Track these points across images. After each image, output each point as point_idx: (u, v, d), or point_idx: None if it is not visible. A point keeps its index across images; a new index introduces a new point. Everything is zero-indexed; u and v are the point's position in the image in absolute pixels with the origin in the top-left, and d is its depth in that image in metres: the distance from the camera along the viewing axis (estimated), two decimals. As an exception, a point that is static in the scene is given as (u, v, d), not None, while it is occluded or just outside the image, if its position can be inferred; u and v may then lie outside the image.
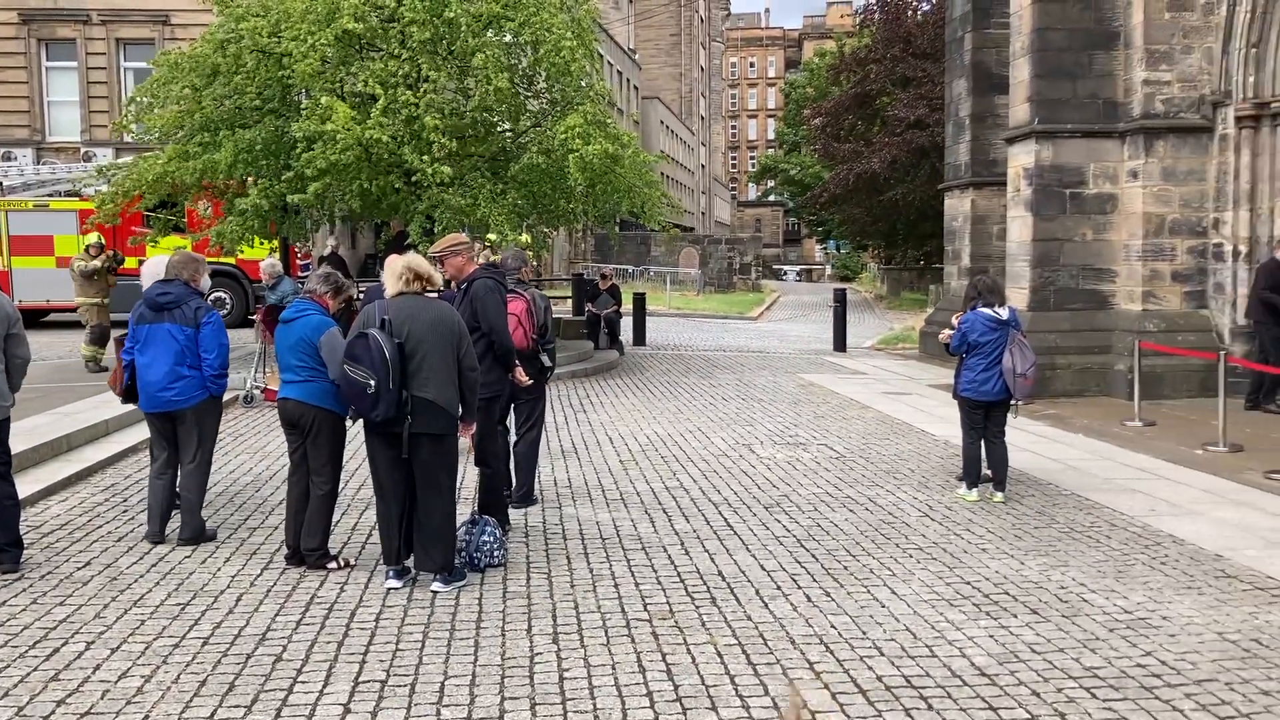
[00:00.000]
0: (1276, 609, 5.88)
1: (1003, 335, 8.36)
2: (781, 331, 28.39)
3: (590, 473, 9.46)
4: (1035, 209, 14.78)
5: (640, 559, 6.79)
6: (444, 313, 6.15)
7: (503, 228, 14.90)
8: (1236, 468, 9.62)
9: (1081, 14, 14.58)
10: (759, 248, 58.01)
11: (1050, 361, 14.15)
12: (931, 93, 30.81)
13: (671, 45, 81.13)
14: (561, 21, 16.11)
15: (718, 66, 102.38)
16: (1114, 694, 4.74)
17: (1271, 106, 13.45)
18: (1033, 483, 9.08)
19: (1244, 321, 13.24)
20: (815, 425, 12.13)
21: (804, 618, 5.70)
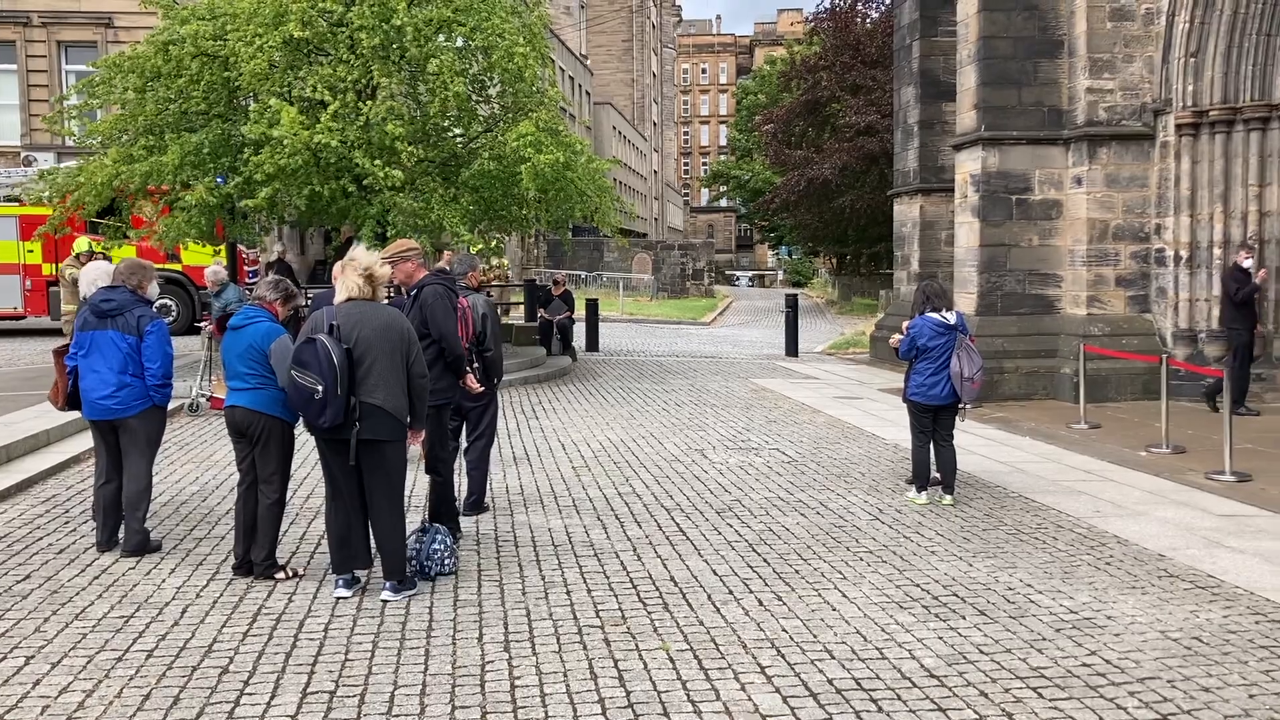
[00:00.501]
0: (1217, 607, 5.99)
1: (950, 340, 8.46)
2: (734, 336, 28.51)
3: (542, 479, 9.43)
4: (982, 215, 14.98)
5: (592, 565, 6.78)
6: (393, 319, 6.11)
7: (458, 229, 14.83)
8: (1179, 469, 9.80)
9: (1026, 23, 14.82)
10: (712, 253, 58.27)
11: (998, 365, 14.35)
12: (881, 99, 31.14)
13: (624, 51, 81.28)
14: (513, 27, 16.09)
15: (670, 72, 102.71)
16: (1060, 693, 4.80)
17: (1210, 115, 13.74)
18: (981, 485, 9.19)
19: (1217, 328, 13.50)
20: (767, 430, 12.19)
21: (756, 622, 5.72)
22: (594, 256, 48.33)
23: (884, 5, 34.07)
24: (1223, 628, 5.65)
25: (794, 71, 41.17)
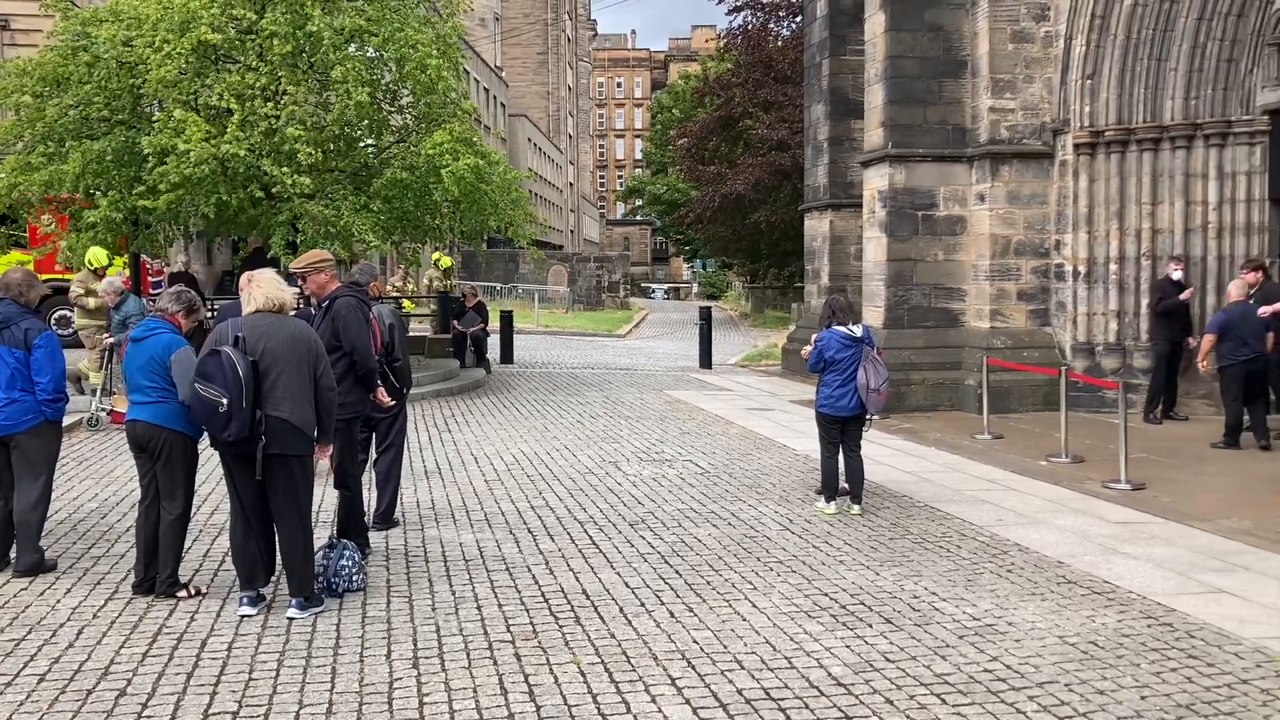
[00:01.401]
0: (1112, 612, 6.19)
1: (857, 352, 8.62)
2: (649, 349, 28.63)
3: (454, 493, 9.35)
4: (889, 230, 15.30)
5: (504, 579, 6.74)
6: (301, 331, 6.01)
7: (367, 235, 14.66)
8: (1077, 478, 10.11)
9: (932, 43, 15.20)
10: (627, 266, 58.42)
11: (905, 377, 14.64)
12: (792, 116, 31.60)
13: (539, 64, 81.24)
14: (426, 38, 15.99)
15: (585, 86, 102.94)
16: (962, 699, 4.91)
17: (1105, 135, 14.24)
18: (888, 495, 9.37)
19: (1145, 340, 13.96)
20: (681, 441, 12.26)
21: (667, 634, 5.74)
22: (509, 268, 48.13)
23: (795, 24, 34.62)
24: (1117, 631, 5.84)
25: (707, 87, 41.57)
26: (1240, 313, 11.35)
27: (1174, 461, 10.86)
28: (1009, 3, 14.70)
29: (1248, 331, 11.18)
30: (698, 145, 39.54)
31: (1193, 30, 13.57)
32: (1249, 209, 13.72)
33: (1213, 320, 11.88)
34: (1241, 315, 11.31)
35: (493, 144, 28.12)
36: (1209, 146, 13.79)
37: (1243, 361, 11.18)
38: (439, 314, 21.66)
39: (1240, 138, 13.64)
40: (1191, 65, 13.70)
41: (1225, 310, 11.77)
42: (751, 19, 36.90)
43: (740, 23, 37.19)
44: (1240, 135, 13.63)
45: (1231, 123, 13.63)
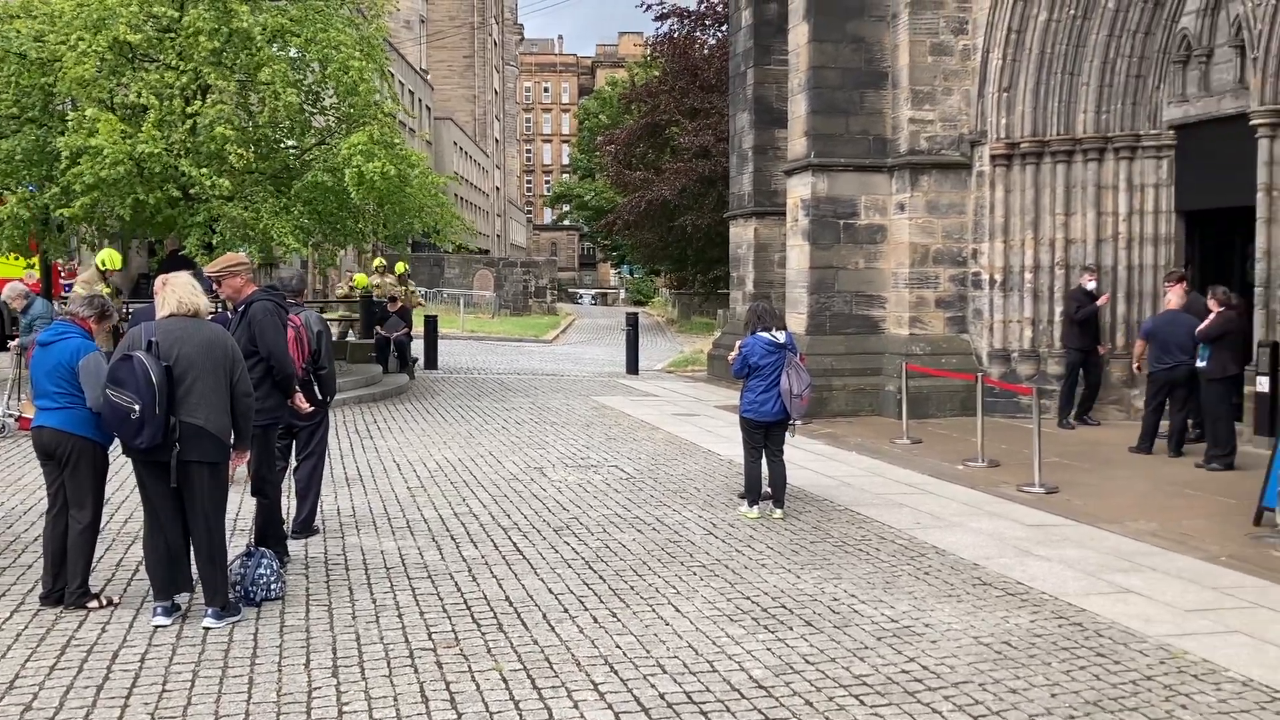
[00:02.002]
0: (1025, 612, 6.34)
1: (780, 358, 8.72)
2: (576, 354, 28.61)
3: (376, 500, 9.25)
4: (812, 238, 15.50)
5: (426, 587, 6.68)
6: (217, 335, 5.91)
7: (286, 239, 14.44)
8: (993, 481, 10.34)
9: (854, 55, 15.45)
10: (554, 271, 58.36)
11: (827, 383, 14.84)
12: (718, 124, 31.84)
13: (465, 67, 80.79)
14: (350, 39, 15.83)
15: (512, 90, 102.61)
16: (880, 700, 5.00)
17: (1021, 146, 14.60)
18: (810, 499, 9.48)
19: (1059, 347, 14.30)
20: (607, 447, 12.28)
21: (590, 639, 5.75)
22: (434, 272, 47.72)
23: (721, 33, 34.89)
24: (1030, 632, 5.99)
25: (634, 94, 41.72)
26: (1167, 320, 11.59)
27: (1085, 465, 11.17)
28: (928, 16, 15.00)
29: (1171, 340, 11.41)
30: (624, 151, 39.65)
31: (1103, 46, 13.99)
32: (1157, 220, 14.17)
33: (1143, 326, 12.24)
34: (1168, 323, 11.55)
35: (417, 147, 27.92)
36: (1119, 159, 14.22)
37: (1164, 369, 11.47)
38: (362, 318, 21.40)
39: (1149, 151, 14.09)
40: (1102, 80, 14.12)
41: (1154, 317, 12.11)
42: (678, 27, 37.15)
43: (667, 30, 37.41)
44: (1149, 149, 14.08)
45: (1140, 137, 14.07)
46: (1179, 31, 13.61)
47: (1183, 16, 13.54)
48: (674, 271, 47.20)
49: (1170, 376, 11.42)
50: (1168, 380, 11.47)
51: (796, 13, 16.03)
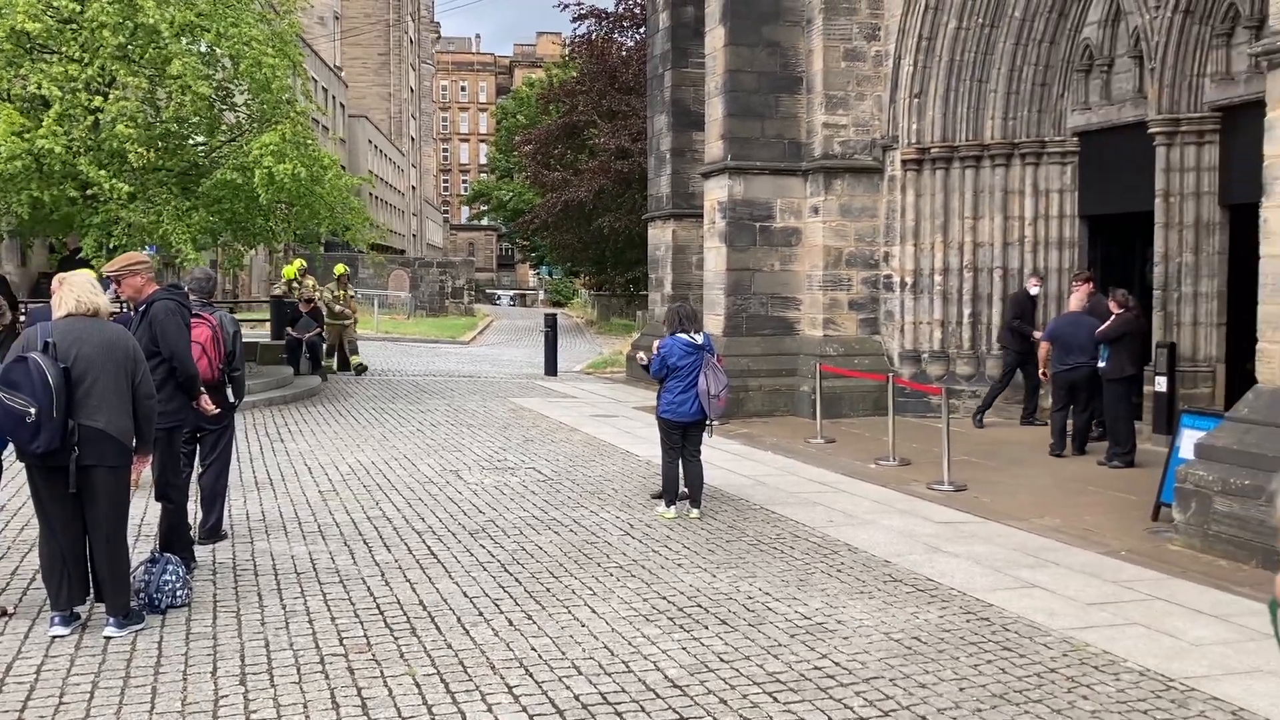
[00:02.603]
0: (934, 608, 6.47)
1: (698, 359, 8.78)
2: (494, 356, 28.42)
3: (286, 505, 9.07)
4: (729, 241, 15.62)
5: (338, 592, 6.58)
6: (118, 336, 5.73)
7: (185, 246, 14.09)
8: (904, 480, 10.53)
9: (770, 59, 15.61)
10: (472, 271, 57.86)
11: (744, 384, 14.97)
12: (636, 125, 31.92)
13: (380, 65, 79.76)
14: (262, 34, 15.53)
15: (428, 89, 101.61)
16: (794, 696, 5.05)
17: (931, 151, 14.90)
18: (726, 498, 9.55)
19: (997, 349, 14.54)
20: (524, 449, 12.22)
21: (505, 642, 5.71)
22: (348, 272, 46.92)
23: (639, 35, 34.98)
24: (939, 627, 6.10)
25: (552, 94, 41.60)
26: (1069, 323, 11.85)
27: (993, 464, 11.43)
28: (842, 22, 15.23)
29: (1072, 342, 11.68)
30: (542, 151, 39.52)
31: (1010, 54, 14.34)
32: (1061, 224, 14.57)
33: (1046, 329, 12.53)
34: (1069, 325, 11.82)
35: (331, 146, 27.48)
36: (1025, 165, 14.59)
37: (1065, 370, 11.74)
38: (273, 319, 21.00)
39: (1053, 157, 14.48)
40: (1009, 88, 14.47)
41: (1055, 320, 12.41)
42: (596, 28, 37.15)
43: (585, 31, 37.39)
44: (1053, 155, 14.47)
45: (1045, 143, 14.46)
46: (1082, 41, 14.02)
47: (1085, 27, 13.95)
48: (593, 273, 47.16)
49: (1071, 377, 11.69)
50: (1069, 381, 11.74)
51: (713, 16, 16.15)
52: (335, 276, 21.45)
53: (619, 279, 43.62)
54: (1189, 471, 8.00)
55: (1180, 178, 12.37)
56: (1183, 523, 7.99)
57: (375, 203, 62.45)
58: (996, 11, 14.28)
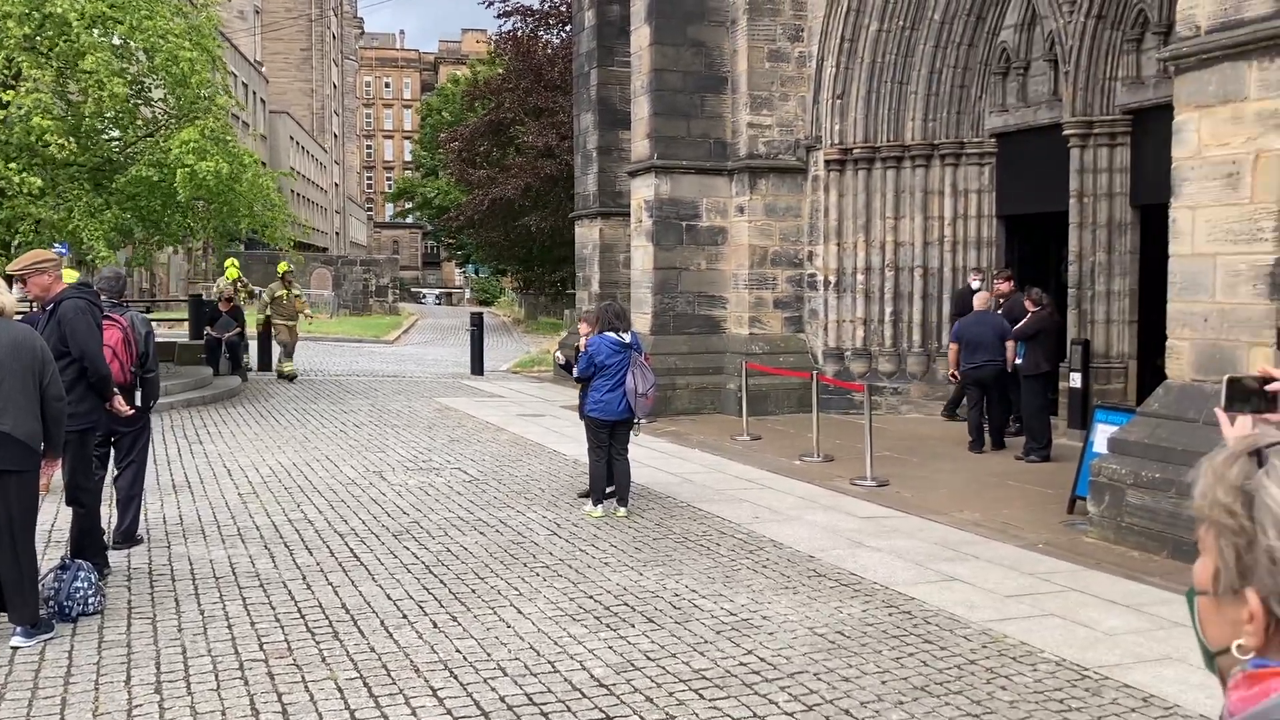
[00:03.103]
0: (857, 602, 6.55)
1: (626, 358, 8.79)
2: (419, 355, 28.12)
3: (205, 508, 8.87)
4: (656, 239, 15.66)
5: (258, 596, 6.45)
6: (24, 336, 5.55)
7: (97, 243, 13.71)
8: (828, 475, 10.65)
9: (695, 58, 15.67)
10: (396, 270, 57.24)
11: (671, 382, 15.01)
12: (562, 123, 31.81)
13: (302, 60, 78.47)
14: (179, 28, 15.17)
15: (352, 85, 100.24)
16: (719, 693, 5.07)
17: (854, 152, 15.09)
18: (653, 496, 9.57)
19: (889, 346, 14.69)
20: (449, 449, 12.11)
21: (429, 644, 5.65)
22: (269, 271, 46.10)
23: (565, 33, 34.88)
24: (862, 621, 6.18)
25: (478, 91, 41.27)
26: (974, 322, 12.15)
27: (915, 459, 11.62)
28: (766, 23, 15.35)
29: (977, 341, 11.95)
30: (468, 148, 39.18)
31: (930, 57, 14.59)
32: (979, 224, 14.85)
33: (952, 330, 12.75)
34: (974, 324, 12.09)
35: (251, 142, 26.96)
36: (945, 165, 14.85)
37: (972, 369, 11.99)
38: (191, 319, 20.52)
39: (971, 158, 14.76)
40: (929, 89, 14.72)
41: (961, 320, 12.65)
42: (521, 25, 36.93)
43: (510, 28, 37.16)
44: (971, 156, 14.75)
45: (964, 144, 14.73)
46: (999, 45, 14.31)
47: (1002, 30, 14.24)
48: (520, 271, 46.91)
49: (978, 375, 11.91)
50: (978, 379, 11.97)
51: (639, 15, 16.16)
52: (279, 275, 20.36)
53: (547, 277, 43.48)
54: (1102, 465, 8.21)
55: (1093, 179, 12.70)
56: (1097, 515, 8.20)
57: (297, 200, 61.43)
58: (917, 14, 14.51)
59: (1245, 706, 1.18)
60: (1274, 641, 1.19)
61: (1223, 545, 1.23)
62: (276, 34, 73.03)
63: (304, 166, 70.05)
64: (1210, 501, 1.24)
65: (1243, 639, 1.21)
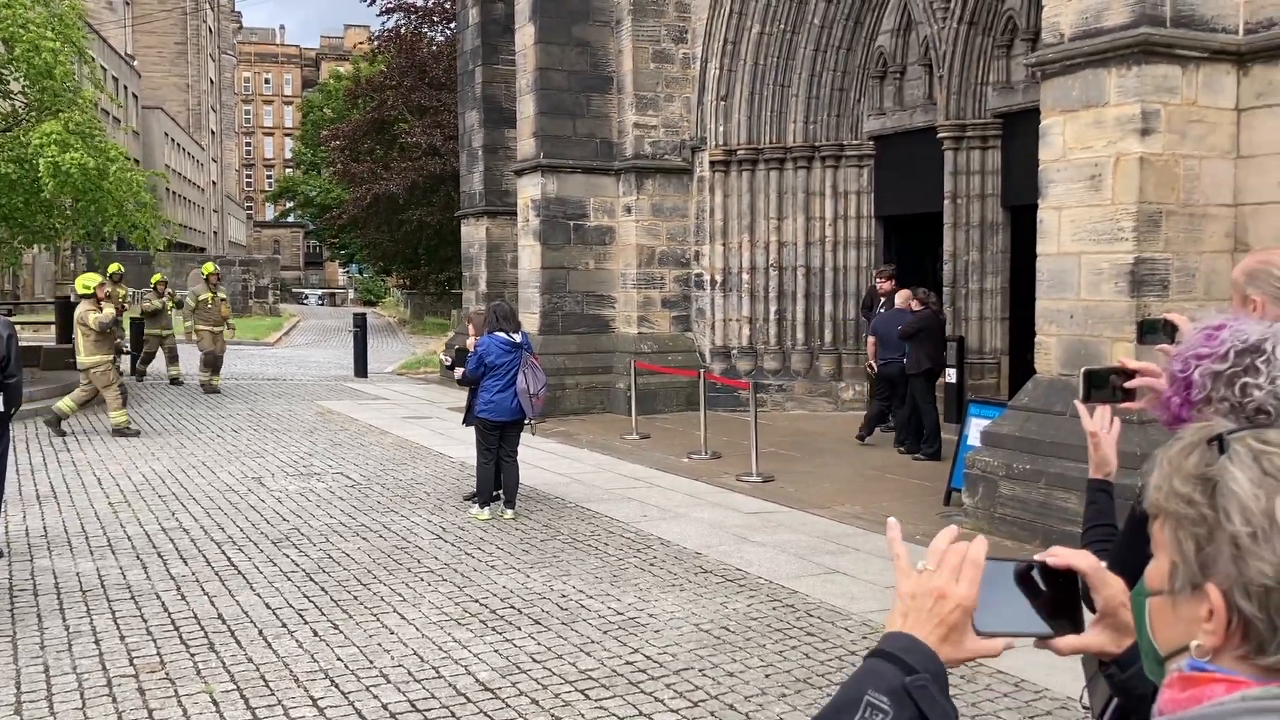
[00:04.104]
0: (742, 597, 6.63)
1: (516, 357, 8.73)
2: (301, 358, 27.48)
3: (72, 518, 8.51)
4: (543, 239, 15.60)
5: (128, 609, 6.21)
6: None
7: None
8: (715, 472, 10.76)
9: (580, 58, 15.66)
10: (277, 270, 55.87)
11: (560, 382, 14.97)
12: (448, 121, 31.45)
13: (177, 54, 75.93)
14: (41, 17, 14.52)
15: (230, 80, 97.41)
16: (605, 693, 5.08)
17: (738, 153, 15.28)
18: (542, 498, 9.53)
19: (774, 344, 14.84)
20: (331, 454, 11.87)
21: (310, 653, 5.53)
22: (142, 271, 44.52)
23: (449, 30, 34.49)
24: (747, 615, 6.26)
25: (360, 88, 40.49)
26: (886, 319, 12.26)
27: (798, 455, 11.82)
28: (650, 24, 15.43)
29: (888, 338, 12.12)
30: (350, 145, 38.44)
31: (810, 60, 14.86)
32: (859, 225, 15.19)
33: (870, 325, 12.92)
34: (886, 321, 12.20)
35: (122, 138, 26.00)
36: (825, 167, 15.14)
37: (882, 365, 12.20)
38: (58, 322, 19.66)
39: (851, 160, 15.08)
40: (810, 92, 14.99)
41: (878, 317, 12.78)
42: (405, 22, 36.39)
43: (394, 25, 36.57)
44: (851, 158, 15.07)
45: (844, 146, 15.04)
46: (877, 49, 14.65)
47: (880, 35, 14.59)
48: (406, 271, 46.18)
49: (887, 371, 12.19)
50: (887, 375, 12.23)
51: (523, 13, 16.08)
52: (203, 276, 18.46)
53: (434, 277, 42.92)
54: (976, 458, 8.48)
55: (966, 180, 13.10)
56: (971, 506, 8.46)
57: (173, 198, 59.46)
58: (797, 18, 14.76)
59: (1172, 709, 1.14)
60: (1232, 641, 1.12)
61: (1181, 538, 1.16)
62: (149, 27, 70.51)
63: (180, 164, 67.81)
64: (1166, 493, 1.18)
65: (1200, 638, 1.14)
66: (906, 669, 1.21)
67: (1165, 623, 1.21)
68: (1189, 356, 2.03)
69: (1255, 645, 1.11)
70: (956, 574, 1.29)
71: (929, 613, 1.28)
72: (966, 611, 1.27)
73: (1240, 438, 1.16)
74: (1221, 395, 2.03)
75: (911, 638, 1.26)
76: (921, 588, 1.30)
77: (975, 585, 1.28)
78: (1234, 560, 1.11)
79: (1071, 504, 7.37)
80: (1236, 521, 1.11)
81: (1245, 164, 7.80)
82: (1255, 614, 1.10)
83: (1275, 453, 1.13)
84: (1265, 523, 1.10)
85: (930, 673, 1.22)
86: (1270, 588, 1.09)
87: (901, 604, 1.31)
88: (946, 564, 1.30)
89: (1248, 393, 2.00)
